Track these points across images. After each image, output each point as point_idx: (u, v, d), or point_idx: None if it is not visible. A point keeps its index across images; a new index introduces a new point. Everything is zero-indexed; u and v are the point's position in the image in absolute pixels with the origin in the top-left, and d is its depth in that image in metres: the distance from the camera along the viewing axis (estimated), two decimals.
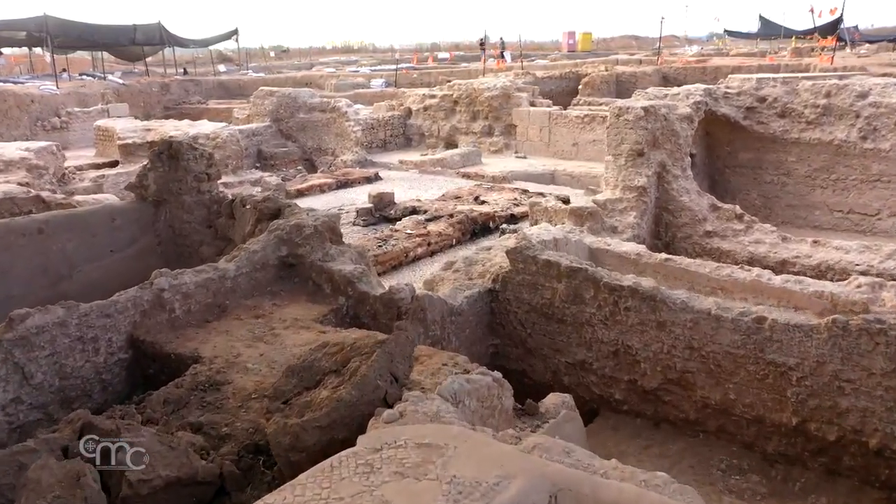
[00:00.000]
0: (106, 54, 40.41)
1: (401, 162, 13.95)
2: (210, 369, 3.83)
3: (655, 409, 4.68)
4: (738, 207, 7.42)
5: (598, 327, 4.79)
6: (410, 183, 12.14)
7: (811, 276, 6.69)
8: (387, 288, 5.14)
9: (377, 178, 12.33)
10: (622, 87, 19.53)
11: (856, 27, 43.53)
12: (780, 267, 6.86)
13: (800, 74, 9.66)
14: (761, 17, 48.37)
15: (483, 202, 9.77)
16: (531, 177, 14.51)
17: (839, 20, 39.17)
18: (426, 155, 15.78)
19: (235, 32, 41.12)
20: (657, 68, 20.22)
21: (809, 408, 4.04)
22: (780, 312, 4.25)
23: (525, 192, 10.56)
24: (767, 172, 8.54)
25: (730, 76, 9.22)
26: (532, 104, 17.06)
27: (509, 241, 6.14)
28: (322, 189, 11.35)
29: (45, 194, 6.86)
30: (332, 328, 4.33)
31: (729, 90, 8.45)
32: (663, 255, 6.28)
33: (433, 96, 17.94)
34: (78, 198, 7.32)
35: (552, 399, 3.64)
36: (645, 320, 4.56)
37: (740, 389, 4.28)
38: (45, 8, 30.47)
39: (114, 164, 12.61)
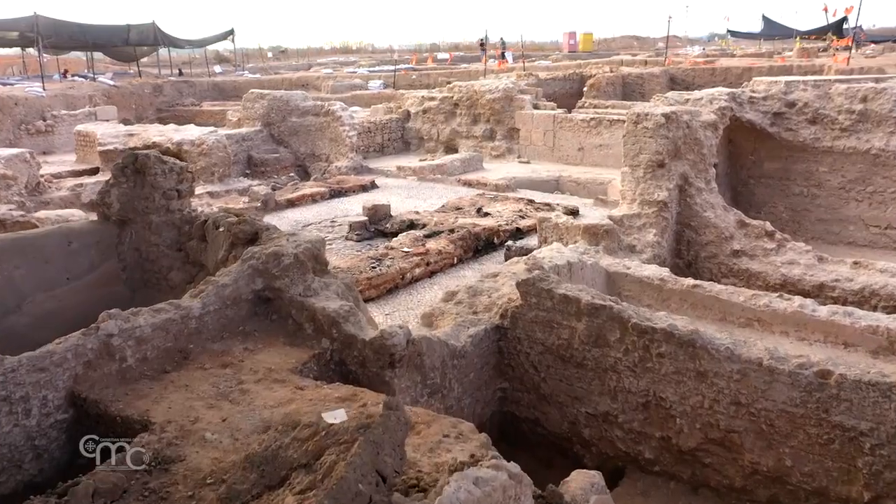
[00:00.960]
0: (102, 55, 39.85)
1: (398, 168, 13.26)
2: (160, 440, 3.13)
3: (693, 472, 3.99)
4: (768, 224, 6.74)
5: (626, 374, 4.10)
6: (408, 191, 11.45)
7: (853, 303, 6.01)
8: (378, 328, 4.45)
9: (373, 186, 11.64)
10: (628, 88, 18.85)
11: (860, 27, 43.03)
12: (818, 291, 6.18)
13: (832, 77, 8.94)
14: (764, 17, 47.77)
15: (486, 214, 9.08)
16: (535, 183, 13.87)
17: (844, 20, 38.61)
18: (425, 160, 15.11)
19: (231, 33, 40.52)
20: (664, 69, 19.52)
21: (886, 482, 3.35)
22: (847, 365, 3.55)
23: (531, 202, 9.87)
24: (796, 184, 7.85)
25: (754, 79, 8.53)
26: (535, 107, 16.39)
27: (518, 265, 5.46)
28: (314, 199, 10.66)
29: (1, 210, 6.19)
30: (312, 382, 3.64)
31: (755, 94, 7.76)
32: (690, 281, 5.60)
33: (432, 98, 17.26)
34: (40, 214, 6.64)
35: (578, 481, 2.95)
36: (682, 369, 3.87)
37: (798, 455, 3.59)
38: (37, 7, 29.65)
39: (94, 171, 11.92)
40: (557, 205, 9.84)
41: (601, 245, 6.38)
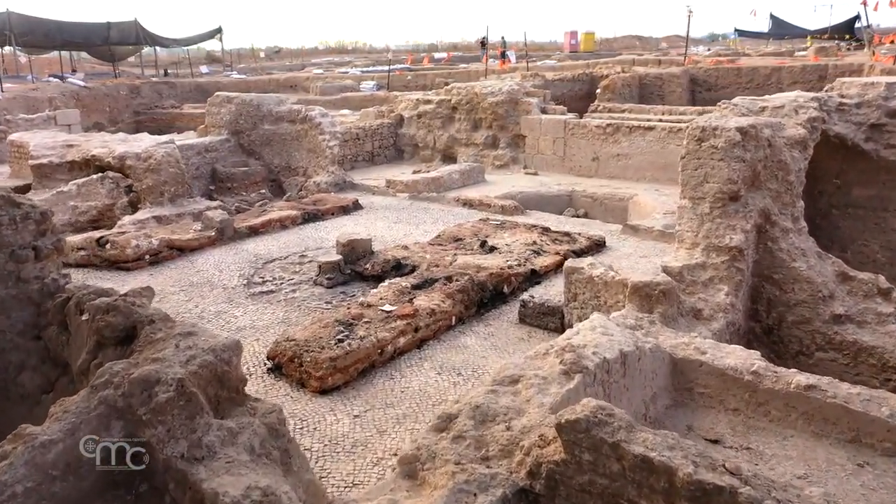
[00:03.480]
0: (85, 55, 38.16)
1: (388, 183, 11.45)
2: None
3: None
4: (881, 278, 4.94)
5: None
6: (398, 214, 9.63)
7: None
8: (325, 497, 2.66)
9: (356, 207, 9.82)
10: (646, 90, 17.04)
11: (869, 25, 41.79)
12: None
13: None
14: (772, 17, 46.39)
15: (491, 249, 7.27)
16: (545, 199, 12.12)
17: (856, 18, 37.30)
18: (419, 171, 13.31)
19: (219, 31, 38.72)
20: (685, 69, 17.71)
21: None
22: None
23: (546, 231, 8.06)
24: None
25: (839, 80, 6.72)
26: (543, 111, 14.60)
27: (547, 361, 3.64)
28: (283, 224, 8.82)
29: None
30: None
31: (845, 100, 5.96)
32: (801, 379, 3.79)
33: (428, 101, 15.47)
34: None
35: None
36: None
37: None
38: (9, 4, 27.93)
39: (27, 188, 10.10)
40: (578, 234, 8.03)
41: (656, 312, 4.58)
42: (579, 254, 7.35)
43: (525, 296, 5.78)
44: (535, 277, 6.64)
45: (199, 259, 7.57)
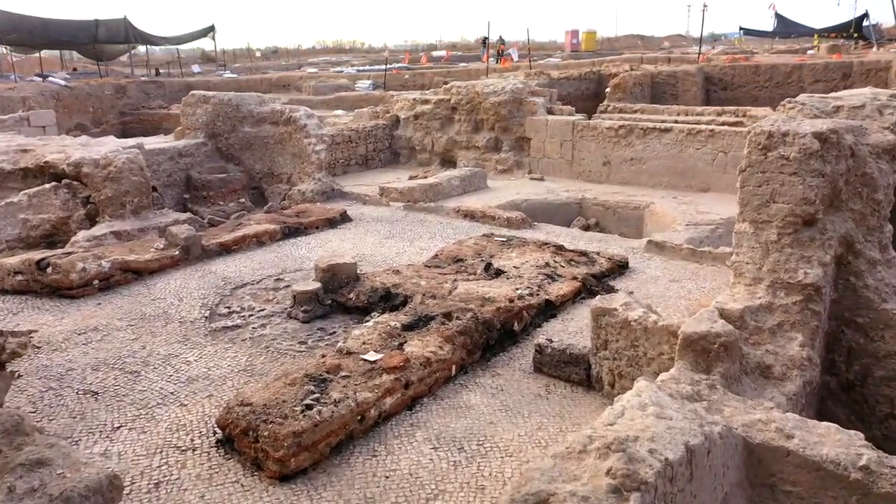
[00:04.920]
0: (76, 54, 37.28)
1: (381, 191, 10.41)
2: None
3: None
4: None
5: None
6: (390, 227, 8.58)
7: None
8: None
9: (344, 218, 8.77)
10: (658, 89, 16.01)
11: (877, 24, 41.16)
12: None
13: None
14: (777, 15, 45.55)
15: (498, 272, 6.23)
16: (553, 207, 11.13)
17: (865, 16, 36.64)
18: (416, 177, 12.27)
19: (212, 29, 37.66)
20: (699, 66, 16.67)
21: None
22: None
23: (559, 249, 7.01)
24: None
25: None
26: (550, 111, 13.57)
27: (585, 466, 2.59)
28: (260, 240, 7.77)
29: None
30: None
31: None
32: None
33: (426, 101, 14.43)
34: None
35: None
36: None
37: None
38: None
39: None
40: (597, 253, 6.99)
41: (716, 372, 3.53)
42: (600, 278, 6.33)
43: (542, 339, 4.72)
44: (549, 309, 5.59)
45: (157, 284, 6.53)
